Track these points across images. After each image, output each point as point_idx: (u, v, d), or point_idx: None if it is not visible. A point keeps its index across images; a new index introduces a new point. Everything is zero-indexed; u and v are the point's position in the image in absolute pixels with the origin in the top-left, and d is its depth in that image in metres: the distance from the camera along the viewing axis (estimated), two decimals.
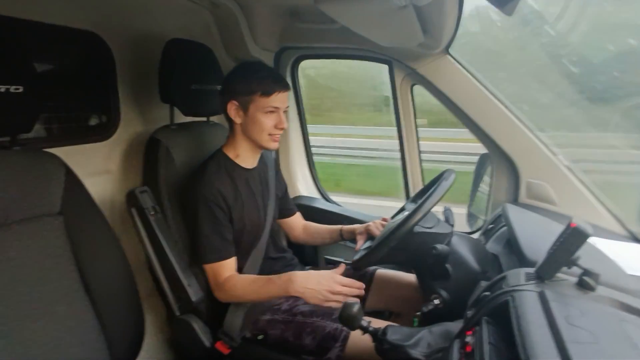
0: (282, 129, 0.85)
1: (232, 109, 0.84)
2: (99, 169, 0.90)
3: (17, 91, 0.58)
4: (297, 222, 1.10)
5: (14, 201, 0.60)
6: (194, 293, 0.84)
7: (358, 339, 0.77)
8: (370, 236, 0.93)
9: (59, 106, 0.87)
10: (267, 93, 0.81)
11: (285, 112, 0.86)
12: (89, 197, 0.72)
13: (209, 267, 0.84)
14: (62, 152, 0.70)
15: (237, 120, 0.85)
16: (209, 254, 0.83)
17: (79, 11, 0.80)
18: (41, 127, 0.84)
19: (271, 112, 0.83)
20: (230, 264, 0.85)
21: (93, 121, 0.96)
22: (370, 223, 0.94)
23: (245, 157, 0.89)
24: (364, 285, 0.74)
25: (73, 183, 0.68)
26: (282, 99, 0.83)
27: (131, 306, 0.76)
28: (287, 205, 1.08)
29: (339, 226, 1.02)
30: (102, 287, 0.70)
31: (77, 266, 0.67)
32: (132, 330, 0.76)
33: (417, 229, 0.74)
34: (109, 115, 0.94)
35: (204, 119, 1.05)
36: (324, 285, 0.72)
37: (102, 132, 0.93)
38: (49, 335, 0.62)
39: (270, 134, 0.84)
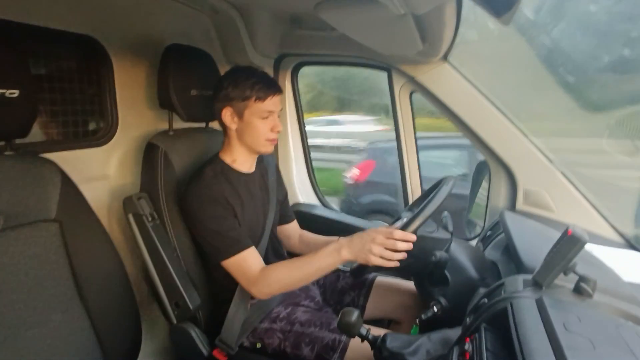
0: (278, 132, 0.85)
1: (227, 115, 0.84)
2: (96, 174, 0.89)
3: (13, 95, 0.57)
4: (294, 231, 1.08)
5: (9, 207, 0.59)
6: (192, 301, 0.83)
7: (357, 348, 0.77)
8: None
9: (56, 111, 0.86)
10: (262, 98, 0.81)
11: (279, 115, 0.87)
12: (86, 203, 0.71)
13: (231, 263, 0.79)
14: (59, 158, 0.69)
15: (232, 126, 0.85)
16: (228, 247, 0.79)
17: (77, 15, 0.80)
18: (37, 131, 0.83)
19: (266, 116, 0.83)
20: (254, 253, 0.81)
21: (90, 126, 0.96)
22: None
23: (242, 162, 0.89)
24: (413, 238, 0.69)
25: (69, 189, 0.67)
26: (276, 103, 0.84)
27: (128, 314, 0.75)
28: (286, 211, 1.07)
29: (336, 237, 1.01)
30: (98, 294, 0.69)
31: (73, 273, 0.66)
32: (128, 339, 0.75)
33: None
34: (106, 120, 0.93)
35: (203, 124, 1.05)
36: (365, 239, 0.69)
37: (100, 138, 0.92)
38: (43, 343, 0.61)
39: (267, 139, 0.85)
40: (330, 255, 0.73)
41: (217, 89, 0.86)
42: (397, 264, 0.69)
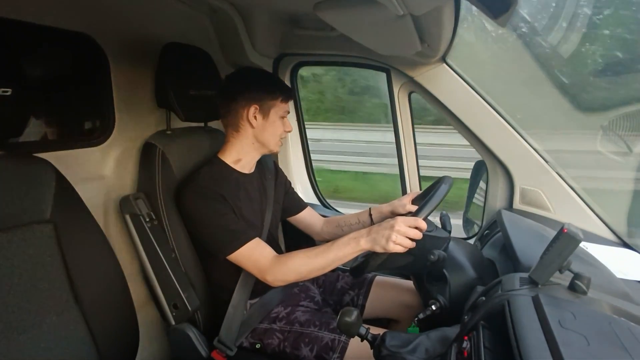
0: (289, 132, 0.91)
1: (251, 113, 0.84)
2: (92, 174, 0.88)
3: (6, 94, 0.56)
4: (314, 218, 1.06)
5: (2, 208, 0.58)
6: (190, 302, 0.83)
7: (356, 348, 0.77)
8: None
9: (51, 110, 0.85)
10: (287, 99, 0.87)
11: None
12: (81, 204, 0.70)
13: (240, 254, 0.77)
14: (54, 157, 0.68)
15: (253, 123, 0.85)
16: (235, 240, 0.77)
17: (73, 13, 0.78)
18: (32, 131, 0.82)
19: (283, 116, 0.88)
20: (261, 242, 0.80)
21: (86, 125, 0.94)
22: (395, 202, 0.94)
23: (246, 163, 0.90)
24: (424, 226, 0.69)
25: (64, 189, 0.66)
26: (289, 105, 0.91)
27: (125, 316, 0.74)
28: (295, 200, 1.06)
29: (367, 209, 0.99)
30: (94, 296, 0.68)
31: (68, 275, 0.65)
32: (125, 341, 0.74)
33: None
34: (102, 119, 0.92)
35: (201, 124, 1.05)
36: (385, 227, 0.68)
37: (96, 137, 0.91)
38: (38, 347, 0.60)
39: (281, 137, 0.89)
40: (349, 244, 0.72)
41: (240, 87, 0.85)
42: (412, 244, 0.69)
